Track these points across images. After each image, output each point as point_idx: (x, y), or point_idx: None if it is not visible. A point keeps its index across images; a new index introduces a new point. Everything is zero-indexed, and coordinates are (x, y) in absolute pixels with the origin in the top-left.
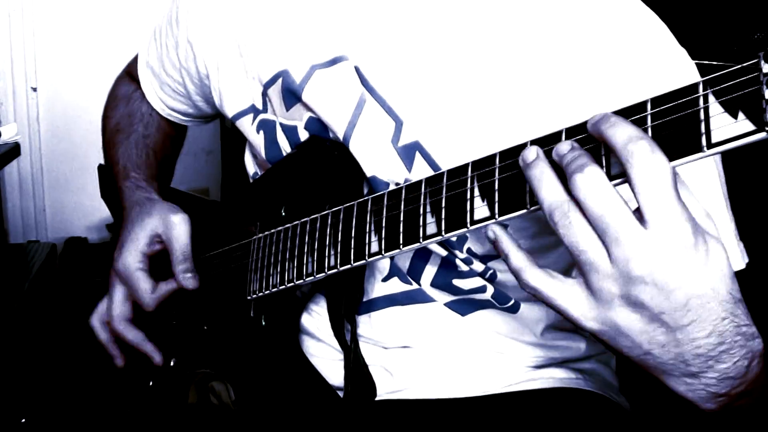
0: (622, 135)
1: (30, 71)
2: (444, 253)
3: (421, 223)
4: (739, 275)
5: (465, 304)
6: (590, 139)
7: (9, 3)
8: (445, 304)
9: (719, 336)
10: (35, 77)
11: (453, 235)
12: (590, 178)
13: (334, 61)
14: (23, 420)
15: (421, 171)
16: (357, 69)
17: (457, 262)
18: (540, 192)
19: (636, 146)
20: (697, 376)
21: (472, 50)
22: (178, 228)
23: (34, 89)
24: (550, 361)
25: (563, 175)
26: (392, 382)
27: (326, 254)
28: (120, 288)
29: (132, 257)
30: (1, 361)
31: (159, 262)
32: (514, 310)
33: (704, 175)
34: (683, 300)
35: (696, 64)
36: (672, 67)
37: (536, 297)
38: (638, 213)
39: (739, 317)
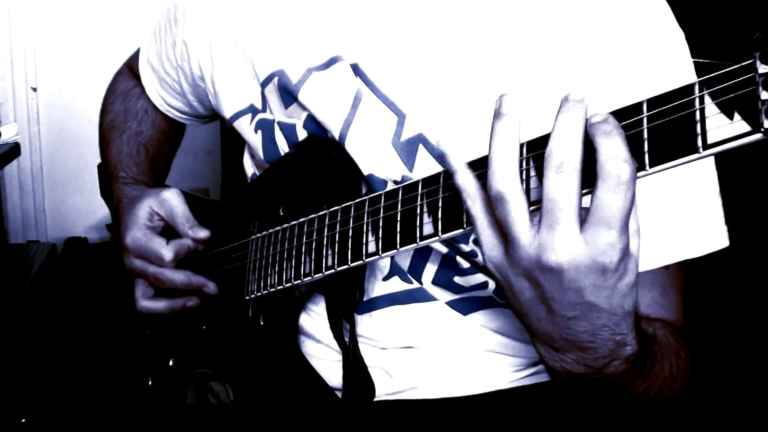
0: (608, 151)
1: (30, 71)
2: (444, 250)
3: (418, 224)
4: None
5: (466, 303)
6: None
7: (9, 3)
8: (447, 303)
9: (592, 335)
10: (35, 77)
11: (450, 236)
12: (566, 163)
13: (330, 63)
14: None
15: (424, 164)
16: (355, 67)
17: (458, 259)
18: (497, 148)
19: (614, 168)
20: (558, 351)
21: (471, 40)
22: (173, 199)
23: (34, 89)
24: None
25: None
26: (391, 384)
27: (324, 254)
28: (139, 261)
29: (136, 230)
30: (1, 361)
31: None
32: None
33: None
34: (576, 301)
35: (694, 62)
36: (669, 58)
37: (467, 218)
38: (585, 214)
39: (620, 327)
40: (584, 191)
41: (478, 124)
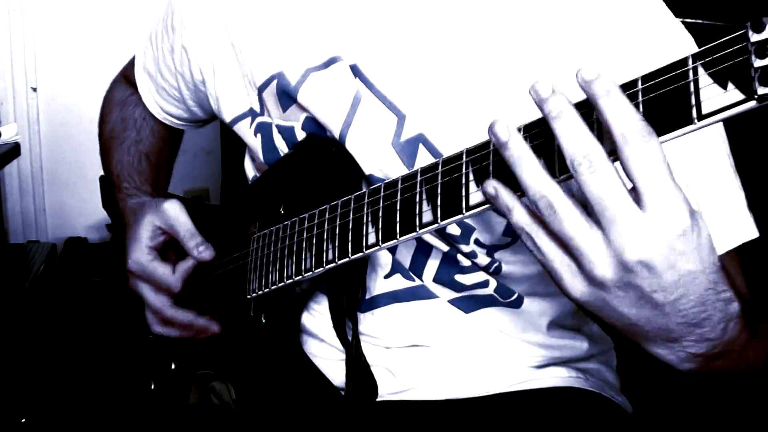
0: (617, 115)
1: (30, 71)
2: (445, 248)
3: (417, 212)
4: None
5: (468, 301)
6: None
7: (9, 3)
8: (449, 301)
9: (702, 305)
10: (35, 77)
11: (449, 222)
12: (595, 162)
13: (328, 63)
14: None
15: (424, 164)
16: (354, 67)
17: (459, 257)
18: (521, 176)
19: (630, 130)
20: (678, 341)
21: (471, 39)
22: (173, 211)
23: (34, 89)
24: (553, 360)
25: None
26: (394, 383)
27: (324, 248)
28: (145, 286)
29: (140, 253)
30: (1, 361)
31: (174, 248)
32: (517, 304)
33: (712, 147)
34: (676, 278)
35: (683, 22)
36: (672, 48)
37: (536, 256)
38: (634, 193)
39: (720, 284)
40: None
41: (477, 124)
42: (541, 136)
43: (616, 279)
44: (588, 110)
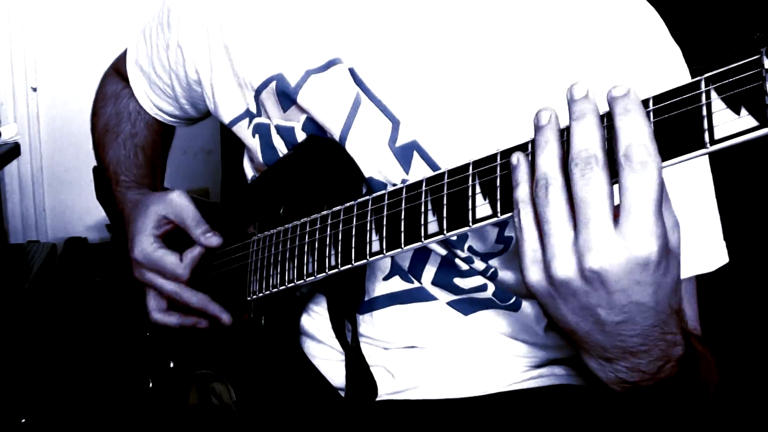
0: (628, 135)
1: (30, 71)
2: (444, 252)
3: (422, 222)
4: (721, 270)
5: (467, 304)
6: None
7: (9, 3)
8: (448, 303)
9: (644, 338)
10: (35, 77)
11: (455, 234)
12: (590, 167)
13: (328, 65)
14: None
15: (419, 171)
16: (352, 71)
17: (457, 261)
18: (539, 155)
19: (635, 152)
20: (611, 362)
21: (467, 48)
22: (180, 201)
23: (34, 89)
24: (551, 360)
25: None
26: (394, 384)
27: (327, 254)
28: (152, 274)
29: (146, 243)
30: (1, 361)
31: (176, 240)
32: (515, 307)
33: (697, 174)
34: (623, 302)
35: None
36: (666, 64)
37: (516, 231)
38: (617, 212)
39: (669, 326)
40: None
41: (470, 132)
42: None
43: (571, 279)
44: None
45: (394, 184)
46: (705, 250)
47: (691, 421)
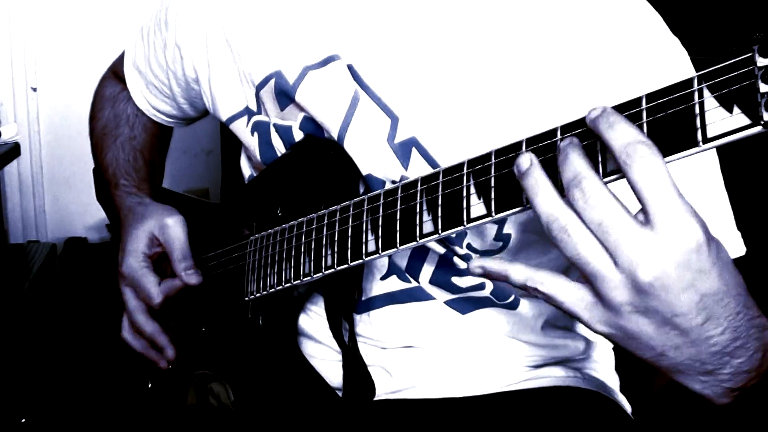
0: (620, 139)
1: (30, 71)
2: (442, 251)
3: (417, 222)
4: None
5: (465, 303)
6: (586, 135)
7: (9, 3)
8: (445, 302)
9: (734, 331)
10: (35, 77)
11: (450, 234)
12: (587, 189)
13: (326, 61)
14: (23, 420)
15: (418, 167)
16: (350, 67)
17: (455, 260)
18: (535, 202)
19: (634, 149)
20: (713, 374)
21: (466, 45)
22: (174, 229)
23: (34, 89)
24: (550, 360)
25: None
26: (391, 383)
27: (323, 254)
28: (129, 290)
29: (134, 259)
30: (1, 361)
31: (162, 265)
32: (513, 306)
33: (706, 165)
34: (696, 299)
35: (693, 58)
36: (667, 61)
37: (549, 302)
38: (643, 215)
39: (752, 309)
40: (613, 178)
41: (469, 129)
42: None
43: (633, 303)
44: (593, 141)
45: (393, 181)
46: (722, 240)
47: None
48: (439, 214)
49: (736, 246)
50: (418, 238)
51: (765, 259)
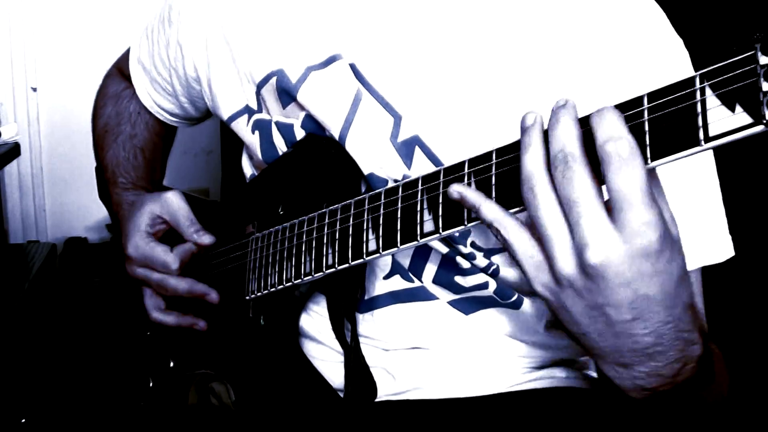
0: (603, 133)
1: (30, 71)
2: (445, 250)
3: (418, 221)
4: (727, 264)
5: (468, 303)
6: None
7: (9, 3)
8: (448, 303)
9: (658, 337)
10: (35, 77)
11: (450, 233)
12: (569, 166)
13: (329, 61)
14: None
15: (421, 166)
16: (353, 66)
17: (458, 259)
18: (523, 158)
19: (613, 147)
20: (628, 367)
21: (469, 43)
22: (174, 200)
23: (34, 89)
24: (553, 361)
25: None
26: (394, 385)
27: (324, 253)
28: (143, 270)
29: (139, 238)
30: (1, 361)
31: (171, 242)
32: (516, 305)
33: (701, 168)
34: (631, 297)
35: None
36: (670, 61)
37: (505, 248)
38: (611, 205)
39: (683, 323)
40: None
41: (472, 127)
42: None
43: (573, 278)
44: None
45: (396, 180)
46: (711, 241)
47: (702, 424)
48: (440, 213)
49: (724, 248)
50: (419, 238)
51: (763, 260)
